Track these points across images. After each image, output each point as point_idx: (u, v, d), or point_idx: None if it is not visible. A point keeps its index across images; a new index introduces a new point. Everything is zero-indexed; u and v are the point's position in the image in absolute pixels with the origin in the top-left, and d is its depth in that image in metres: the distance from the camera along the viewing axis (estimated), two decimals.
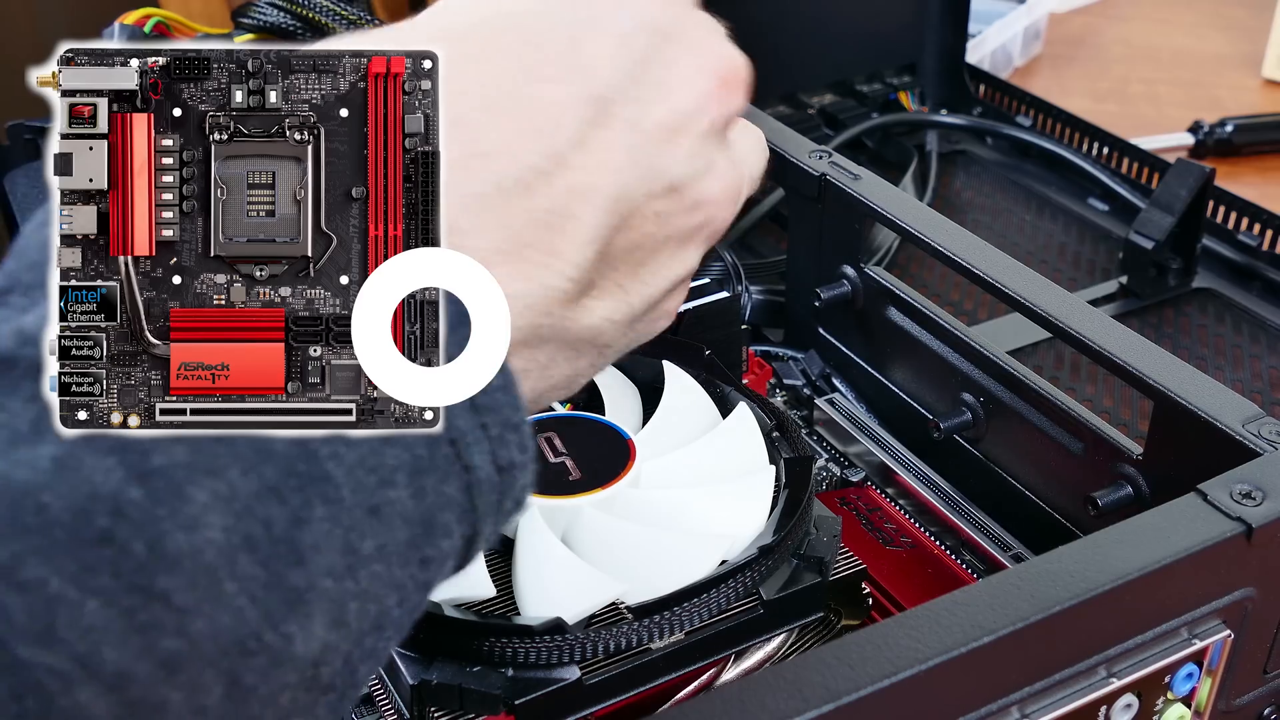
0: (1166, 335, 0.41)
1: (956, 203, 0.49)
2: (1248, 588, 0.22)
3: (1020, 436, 0.29)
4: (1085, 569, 0.20)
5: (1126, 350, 0.26)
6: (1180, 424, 0.25)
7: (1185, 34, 0.67)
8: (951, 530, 0.30)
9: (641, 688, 0.22)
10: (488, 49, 0.19)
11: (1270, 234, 0.43)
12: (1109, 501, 0.26)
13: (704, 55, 0.20)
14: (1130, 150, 0.48)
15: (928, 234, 0.30)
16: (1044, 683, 0.20)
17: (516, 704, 0.21)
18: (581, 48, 0.19)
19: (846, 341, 0.34)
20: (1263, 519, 0.21)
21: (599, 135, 0.18)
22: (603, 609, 0.22)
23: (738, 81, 0.21)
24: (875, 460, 0.32)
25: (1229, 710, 0.24)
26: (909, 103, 0.52)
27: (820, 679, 0.18)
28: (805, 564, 0.24)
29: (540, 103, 0.18)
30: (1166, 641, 0.22)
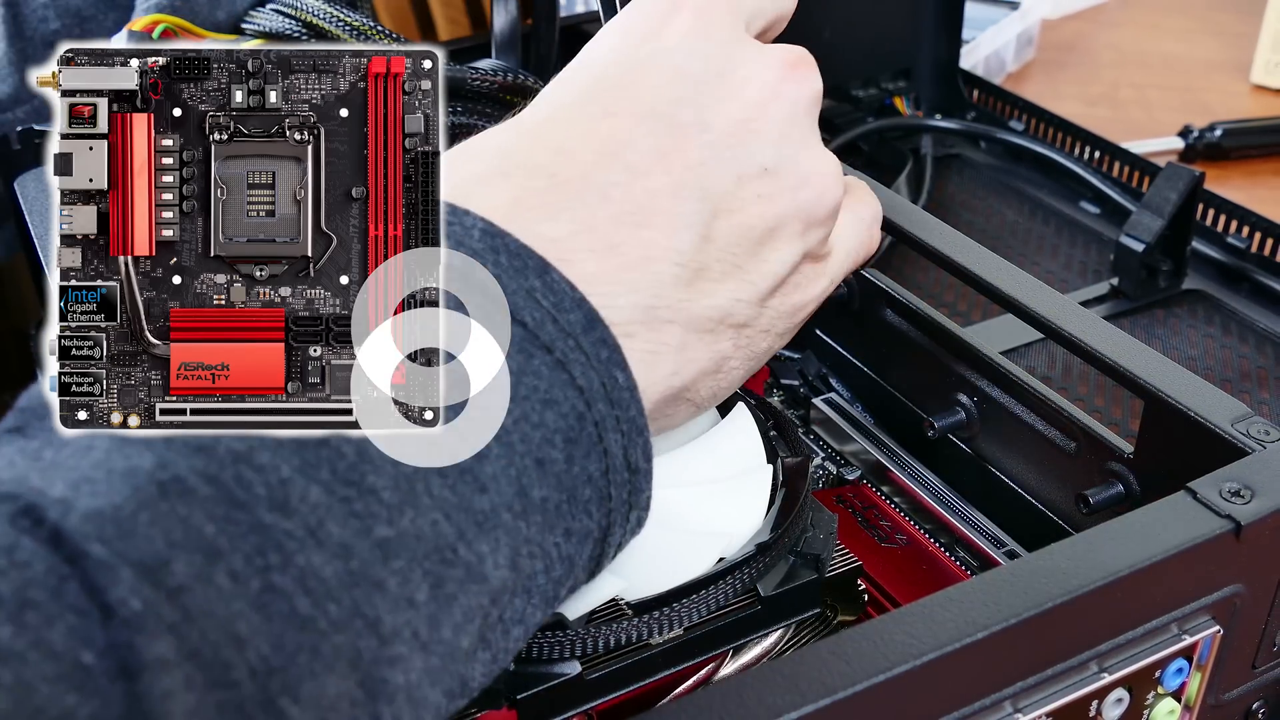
0: (1157, 336, 0.41)
1: (951, 205, 0.49)
2: (1236, 584, 0.22)
3: (1013, 435, 0.29)
4: (1077, 566, 0.20)
5: (1117, 350, 0.26)
6: (1170, 423, 0.25)
7: (1175, 40, 0.68)
8: (946, 527, 0.30)
9: (641, 682, 0.22)
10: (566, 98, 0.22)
11: (1259, 236, 0.43)
12: (1100, 499, 0.26)
13: (764, 52, 0.23)
14: (1121, 154, 0.48)
15: (922, 236, 0.30)
16: (1036, 678, 0.21)
17: (518, 698, 0.21)
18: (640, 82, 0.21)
19: (843, 342, 0.35)
20: (1251, 517, 0.22)
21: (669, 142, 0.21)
22: (603, 605, 0.22)
23: (804, 62, 0.23)
24: (871, 459, 0.32)
25: (1219, 704, 0.24)
26: (904, 107, 0.53)
27: (816, 674, 0.18)
28: (802, 561, 0.24)
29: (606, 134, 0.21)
30: (1157, 637, 0.22)
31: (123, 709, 0.14)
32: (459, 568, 0.17)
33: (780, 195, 0.22)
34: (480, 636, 0.18)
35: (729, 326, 0.22)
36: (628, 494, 0.19)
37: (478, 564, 0.17)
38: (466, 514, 0.17)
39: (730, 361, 0.22)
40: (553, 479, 0.18)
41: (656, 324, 0.20)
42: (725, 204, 0.21)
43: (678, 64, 0.22)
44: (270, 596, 0.15)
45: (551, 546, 0.18)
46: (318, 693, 0.15)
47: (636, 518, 0.20)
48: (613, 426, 0.19)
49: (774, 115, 0.22)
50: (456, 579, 0.17)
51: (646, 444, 0.20)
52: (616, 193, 0.20)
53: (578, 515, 0.19)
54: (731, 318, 0.22)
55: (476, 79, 0.33)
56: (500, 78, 0.33)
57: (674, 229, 0.20)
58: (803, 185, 0.22)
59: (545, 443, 0.18)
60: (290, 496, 0.16)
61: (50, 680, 0.13)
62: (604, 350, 0.19)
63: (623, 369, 0.19)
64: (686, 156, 0.21)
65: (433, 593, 0.17)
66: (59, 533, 0.14)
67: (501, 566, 0.18)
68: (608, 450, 0.19)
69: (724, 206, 0.21)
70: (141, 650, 0.14)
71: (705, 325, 0.21)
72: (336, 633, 0.15)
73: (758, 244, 0.22)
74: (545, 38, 0.41)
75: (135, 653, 0.14)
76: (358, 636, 0.16)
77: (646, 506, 0.20)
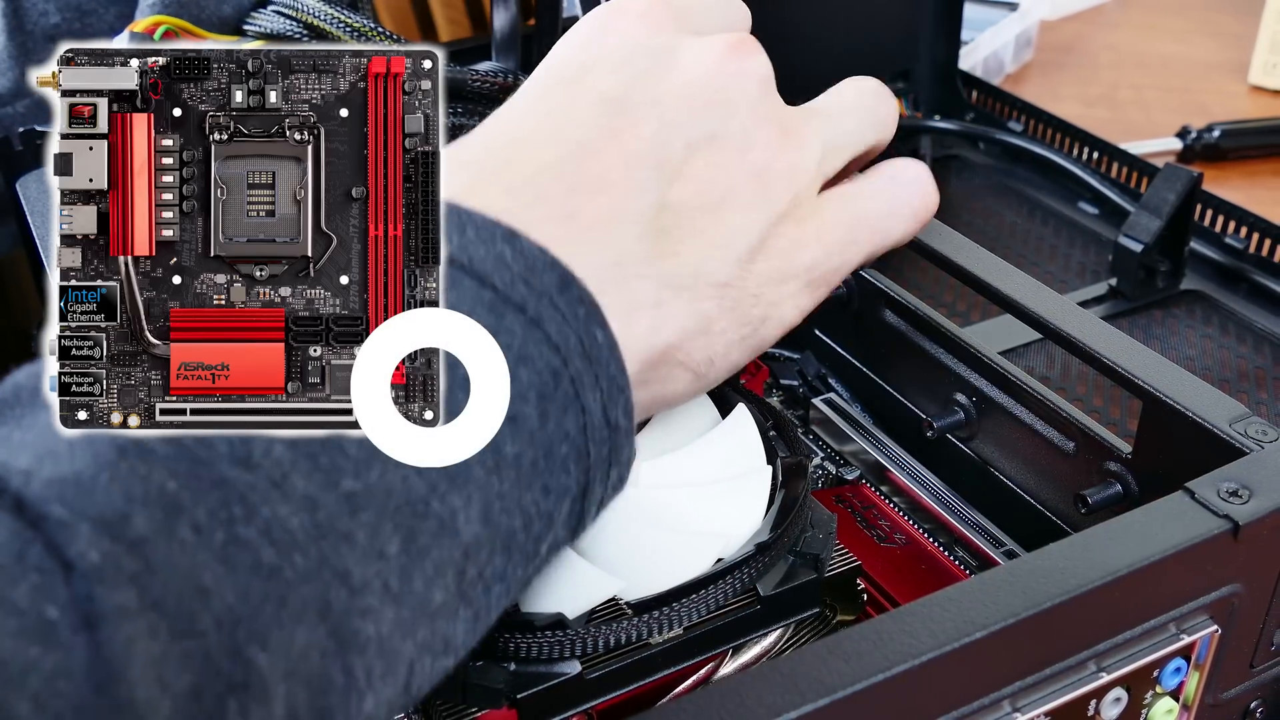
0: (1155, 336, 0.41)
1: (949, 206, 0.49)
2: (1234, 584, 0.23)
3: (1012, 435, 0.29)
4: (1075, 566, 0.20)
5: (1115, 351, 0.26)
6: (1168, 423, 0.25)
7: (1174, 41, 0.68)
8: (945, 527, 0.30)
9: (641, 682, 0.22)
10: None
11: (1257, 237, 0.44)
12: (1099, 499, 0.26)
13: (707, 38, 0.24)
14: (1119, 155, 0.48)
15: (921, 237, 0.30)
16: (1035, 677, 0.21)
17: (518, 698, 0.21)
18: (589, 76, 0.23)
19: (842, 342, 0.35)
20: (1249, 517, 0.22)
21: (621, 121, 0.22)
22: (603, 605, 0.22)
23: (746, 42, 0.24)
24: (870, 459, 0.32)
25: (1216, 704, 0.24)
26: (903, 108, 0.53)
27: (815, 673, 0.18)
28: (801, 561, 0.24)
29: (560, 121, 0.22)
30: (1155, 637, 0.22)
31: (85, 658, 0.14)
32: (430, 520, 0.17)
33: (730, 159, 0.23)
34: (458, 593, 0.18)
35: (708, 285, 0.22)
36: (608, 451, 0.20)
37: (450, 518, 0.17)
38: (438, 469, 0.17)
39: (718, 323, 0.22)
40: (525, 435, 0.18)
41: (627, 281, 0.21)
42: (678, 171, 0.22)
43: (624, 57, 0.23)
44: (235, 548, 0.15)
45: (530, 504, 0.19)
46: (286, 642, 0.15)
47: (618, 475, 0.20)
48: (591, 384, 0.19)
49: (720, 86, 0.23)
50: (429, 532, 0.17)
51: (628, 402, 0.20)
52: (569, 167, 0.21)
53: (555, 472, 0.19)
54: (707, 275, 0.22)
55: (477, 80, 0.33)
56: (500, 79, 0.33)
57: (630, 195, 0.21)
58: (749, 151, 0.23)
59: (518, 399, 0.18)
60: (253, 452, 0.16)
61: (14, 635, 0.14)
62: (580, 308, 0.19)
63: (602, 326, 0.20)
64: (638, 130, 0.22)
65: (404, 546, 0.17)
66: (21, 500, 0.15)
67: (474, 521, 0.18)
68: (585, 408, 0.19)
69: (678, 173, 0.22)
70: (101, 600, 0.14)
71: (680, 281, 0.21)
72: (304, 583, 0.16)
73: (718, 206, 0.22)
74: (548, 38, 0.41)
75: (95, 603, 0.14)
76: (326, 588, 0.16)
77: (628, 464, 0.20)
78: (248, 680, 0.15)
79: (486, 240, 0.19)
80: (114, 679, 0.14)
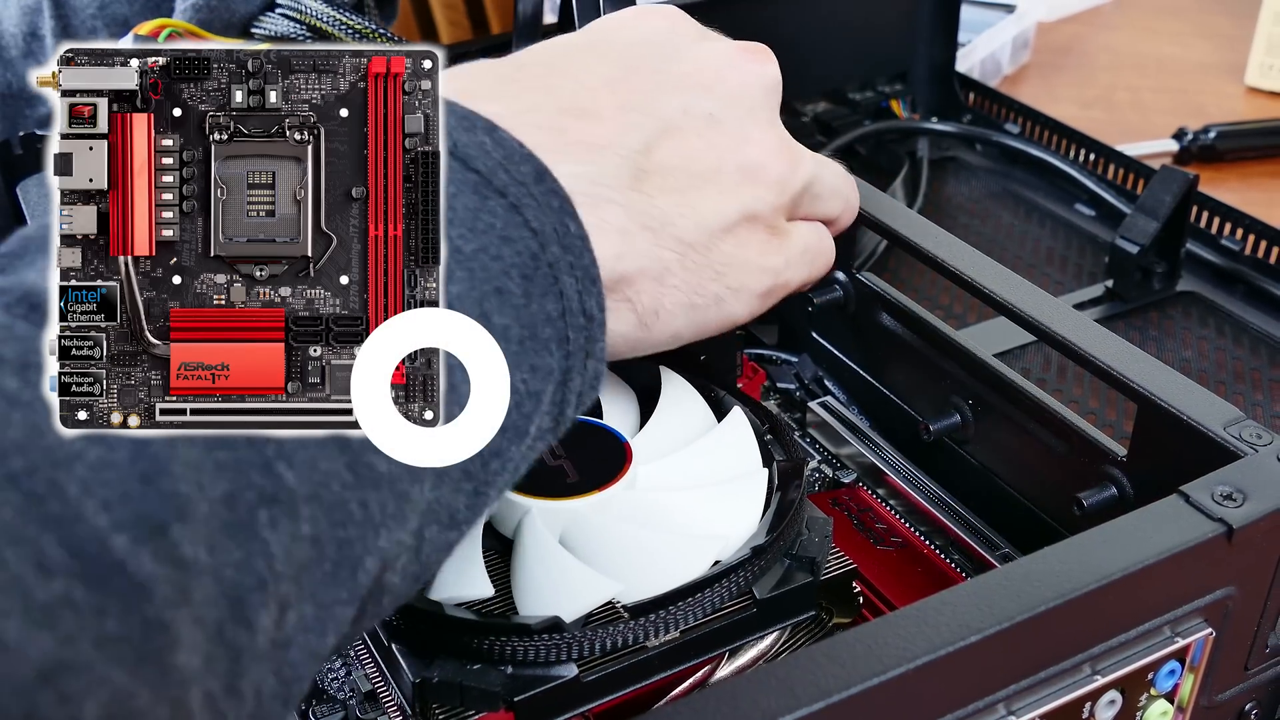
0: (1151, 338, 0.41)
1: (947, 208, 0.49)
2: (1229, 587, 0.23)
3: (1008, 438, 0.29)
4: (1070, 569, 0.21)
5: (1110, 354, 0.26)
6: (1163, 427, 0.25)
7: (1170, 43, 0.68)
8: (941, 530, 0.30)
9: (637, 685, 0.23)
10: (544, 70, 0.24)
11: (1252, 238, 0.44)
12: (1094, 502, 0.26)
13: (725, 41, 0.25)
14: (1116, 156, 0.48)
15: (916, 239, 0.30)
16: (1030, 680, 0.21)
17: (515, 701, 0.21)
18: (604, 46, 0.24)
19: (839, 345, 0.35)
20: (1243, 520, 0.22)
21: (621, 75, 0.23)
22: (599, 608, 0.22)
23: (761, 51, 0.25)
24: (866, 462, 0.32)
25: (1211, 706, 0.24)
26: (900, 110, 0.53)
27: (811, 677, 0.18)
28: (797, 564, 0.24)
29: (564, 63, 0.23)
30: (1150, 639, 0.22)
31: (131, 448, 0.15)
32: None
33: (723, 144, 0.23)
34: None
35: (673, 237, 0.23)
36: (585, 340, 0.20)
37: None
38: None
39: (674, 276, 0.23)
40: (511, 310, 0.19)
41: (599, 202, 0.21)
42: (671, 125, 0.23)
43: (644, 35, 0.24)
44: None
45: (519, 383, 0.19)
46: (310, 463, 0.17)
47: (594, 369, 0.21)
48: (567, 270, 0.20)
49: (727, 78, 0.24)
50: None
51: (600, 295, 0.20)
52: (565, 92, 0.22)
53: (539, 352, 0.19)
54: (674, 227, 0.23)
55: None
56: None
57: (620, 130, 0.22)
58: (745, 144, 0.24)
59: (503, 274, 0.19)
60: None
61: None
62: (555, 200, 0.20)
63: (574, 219, 0.20)
64: (637, 84, 0.23)
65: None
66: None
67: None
68: (563, 293, 0.20)
69: (670, 127, 0.23)
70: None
71: (648, 221, 0.22)
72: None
73: (699, 177, 0.23)
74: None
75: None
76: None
77: (602, 358, 0.21)
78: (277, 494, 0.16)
79: (468, 129, 0.20)
80: (159, 471, 0.15)
